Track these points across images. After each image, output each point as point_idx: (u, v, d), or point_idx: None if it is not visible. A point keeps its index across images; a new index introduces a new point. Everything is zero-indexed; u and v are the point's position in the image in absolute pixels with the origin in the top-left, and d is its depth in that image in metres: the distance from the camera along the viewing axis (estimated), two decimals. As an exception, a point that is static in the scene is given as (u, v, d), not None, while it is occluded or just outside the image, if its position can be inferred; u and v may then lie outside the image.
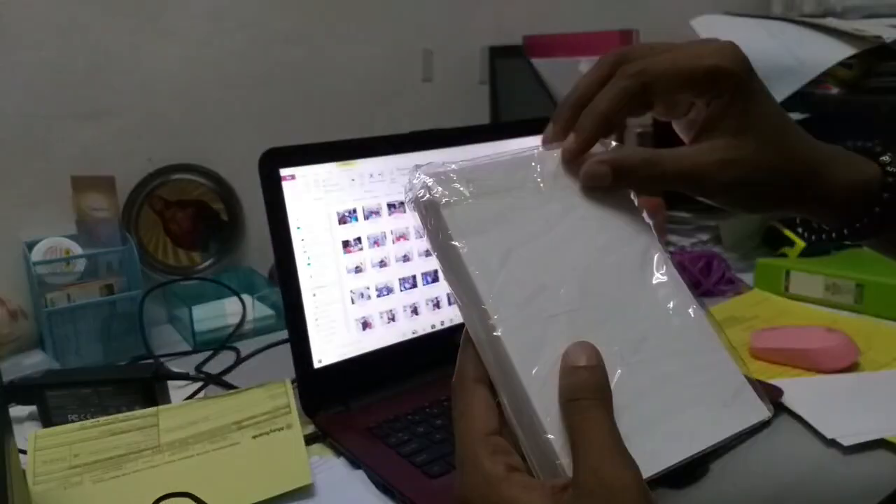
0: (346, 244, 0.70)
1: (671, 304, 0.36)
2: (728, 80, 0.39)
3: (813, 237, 1.05)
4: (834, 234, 0.46)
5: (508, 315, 0.33)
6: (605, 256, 0.36)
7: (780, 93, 1.12)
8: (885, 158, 0.43)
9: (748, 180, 0.39)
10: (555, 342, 0.33)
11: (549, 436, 0.31)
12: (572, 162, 0.38)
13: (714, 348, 0.36)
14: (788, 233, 1.05)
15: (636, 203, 0.39)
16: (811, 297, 0.93)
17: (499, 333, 0.32)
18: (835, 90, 1.10)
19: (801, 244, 1.03)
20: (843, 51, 1.09)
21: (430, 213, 0.35)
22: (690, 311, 0.37)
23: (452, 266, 0.34)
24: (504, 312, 0.33)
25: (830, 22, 1.16)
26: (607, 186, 0.38)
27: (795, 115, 1.08)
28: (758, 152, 0.39)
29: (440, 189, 0.35)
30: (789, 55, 1.13)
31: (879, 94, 1.09)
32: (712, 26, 1.22)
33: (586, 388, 0.31)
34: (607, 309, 0.35)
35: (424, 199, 0.35)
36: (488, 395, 0.34)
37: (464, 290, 0.34)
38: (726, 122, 0.39)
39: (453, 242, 0.34)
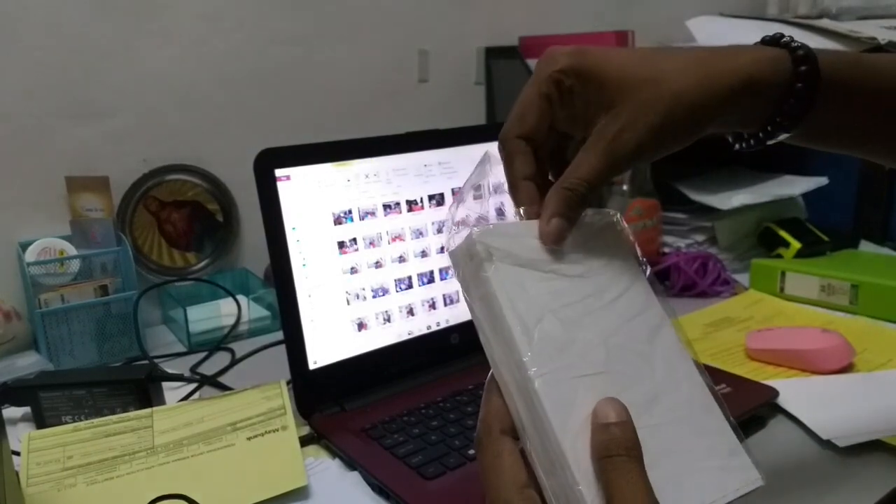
0: (341, 245, 0.70)
1: (678, 370, 0.39)
2: (567, 77, 0.40)
3: (808, 238, 1.05)
4: (753, 142, 0.45)
5: (545, 370, 0.35)
6: (625, 323, 0.39)
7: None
8: (785, 39, 0.42)
9: (646, 132, 0.39)
10: (584, 399, 0.35)
11: (581, 488, 0.33)
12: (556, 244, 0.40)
13: (716, 414, 0.39)
14: (784, 234, 1.05)
15: (643, 268, 0.42)
16: (806, 298, 0.93)
17: (536, 386, 0.34)
18: (830, 91, 1.10)
19: (796, 245, 1.03)
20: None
21: (474, 267, 0.38)
22: (695, 376, 0.39)
23: (490, 318, 0.37)
24: (541, 367, 0.35)
25: (825, 23, 1.16)
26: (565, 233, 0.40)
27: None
28: (637, 97, 0.39)
29: (487, 246, 0.38)
30: (784, 56, 1.13)
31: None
32: (707, 27, 1.22)
33: (619, 445, 0.33)
34: (628, 373, 0.37)
35: (472, 253, 0.38)
36: (515, 446, 0.35)
37: (498, 342, 0.36)
38: (585, 99, 0.40)
39: (497, 299, 0.36)
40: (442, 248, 0.76)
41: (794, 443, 0.63)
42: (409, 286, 0.74)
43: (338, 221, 0.70)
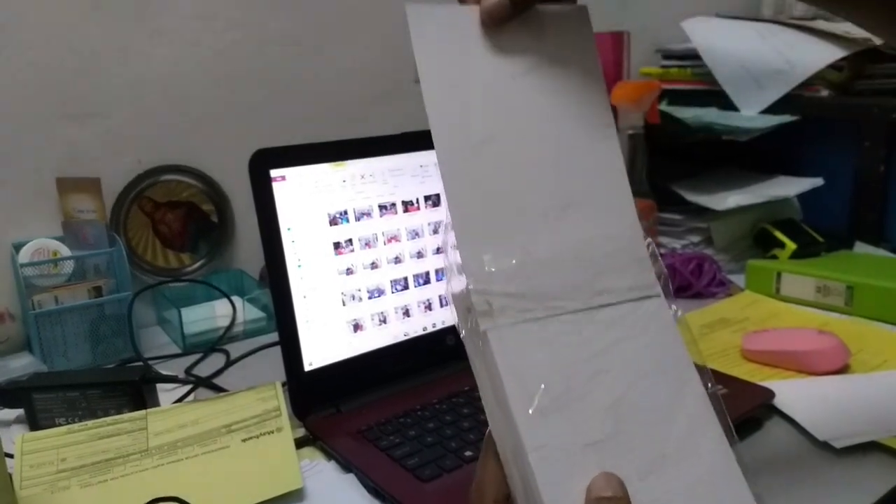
0: (336, 246, 0.69)
1: (701, 433, 0.35)
2: None
3: (803, 239, 1.05)
4: None
5: (542, 443, 0.32)
6: (642, 378, 0.35)
7: (771, 95, 1.13)
8: None
9: None
10: (584, 471, 0.32)
11: None
12: (494, 27, 0.39)
13: (741, 490, 0.34)
14: (779, 234, 1.05)
15: (671, 320, 0.37)
16: (802, 299, 0.93)
17: (530, 460, 0.32)
18: (825, 92, 1.10)
19: (791, 246, 1.03)
20: (833, 53, 1.09)
21: (473, 319, 0.35)
22: (721, 443, 0.35)
23: (488, 375, 0.35)
24: (538, 439, 0.32)
25: (820, 24, 1.16)
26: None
27: (786, 118, 1.09)
28: None
29: (487, 299, 0.35)
30: (780, 58, 1.14)
31: (870, 96, 1.10)
32: (703, 28, 1.23)
33: None
34: (638, 435, 0.34)
35: (469, 305, 0.35)
36: None
37: (497, 401, 0.34)
38: None
39: (496, 359, 0.34)
40: (438, 249, 0.75)
41: (790, 444, 0.63)
42: (405, 287, 0.73)
43: (333, 222, 0.70)
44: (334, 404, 0.68)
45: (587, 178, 0.39)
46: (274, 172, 0.67)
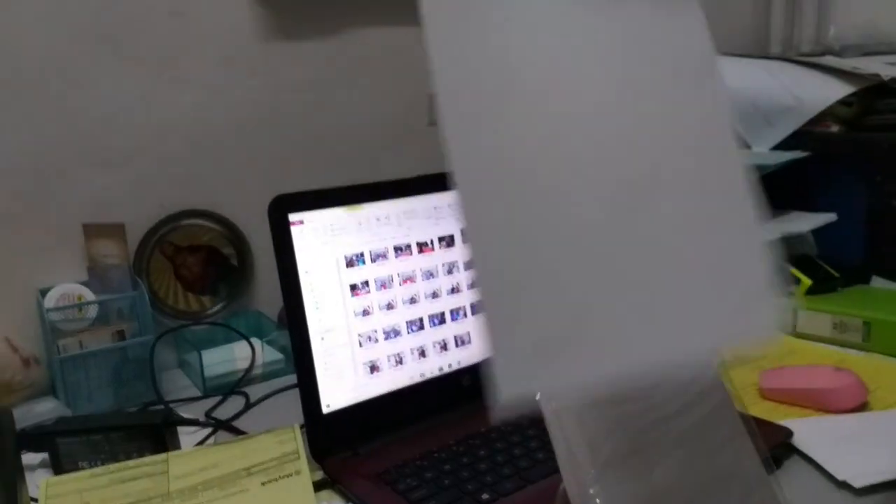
0: (353, 287, 0.71)
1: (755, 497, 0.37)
2: None
3: (819, 274, 1.05)
4: None
5: (609, 492, 0.34)
6: (705, 446, 0.37)
7: (781, 131, 1.14)
8: None
9: None
10: None
11: None
12: None
13: None
14: (794, 271, 1.05)
15: (727, 393, 0.40)
16: (819, 336, 0.93)
17: None
18: (835, 128, 1.11)
19: (807, 282, 1.03)
20: (842, 89, 1.10)
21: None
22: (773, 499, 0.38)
23: (567, 442, 0.36)
24: (607, 496, 0.34)
25: (829, 61, 1.18)
26: None
27: (797, 153, 1.10)
28: None
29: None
30: (789, 95, 1.15)
31: (879, 130, 1.10)
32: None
33: None
34: (696, 497, 0.35)
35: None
36: None
37: (572, 465, 0.35)
38: None
39: (573, 421, 0.35)
40: (453, 289, 0.76)
41: (809, 484, 0.62)
42: (421, 327, 0.74)
43: (350, 264, 0.71)
44: (352, 447, 0.68)
45: (681, 141, 0.28)
46: (292, 217, 0.68)
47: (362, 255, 0.72)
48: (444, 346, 0.76)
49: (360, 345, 0.71)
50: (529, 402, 0.27)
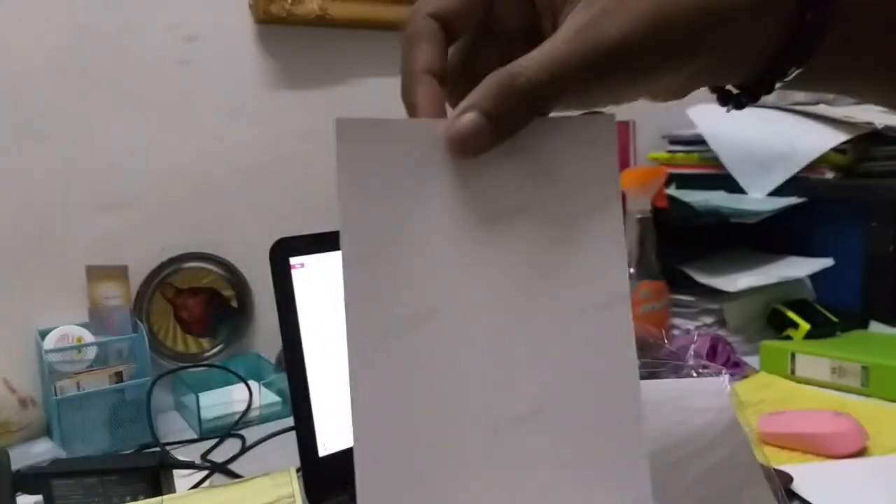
0: (352, 331, 0.71)
1: None
2: None
3: (817, 319, 1.06)
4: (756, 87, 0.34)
5: None
6: (722, 484, 0.39)
7: (777, 178, 1.16)
8: None
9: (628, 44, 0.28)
10: None
11: None
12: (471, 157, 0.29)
13: None
14: (792, 315, 1.06)
15: (743, 432, 0.42)
16: (818, 380, 0.93)
17: None
18: (830, 175, 1.13)
19: (805, 326, 1.03)
20: (835, 137, 1.12)
21: None
22: None
23: None
24: None
25: (823, 109, 1.20)
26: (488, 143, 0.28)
27: (793, 199, 1.11)
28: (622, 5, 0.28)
29: None
30: (784, 142, 1.17)
31: (874, 177, 1.12)
32: (708, 115, 1.27)
33: None
34: None
35: None
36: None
37: None
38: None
39: None
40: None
41: (810, 530, 0.62)
42: (419, 371, 0.74)
43: (349, 308, 0.71)
44: (347, 490, 0.68)
45: (576, 375, 0.28)
46: (293, 260, 0.69)
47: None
48: (442, 389, 0.76)
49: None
50: None
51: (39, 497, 0.69)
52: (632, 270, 1.05)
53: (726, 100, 0.36)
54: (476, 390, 0.28)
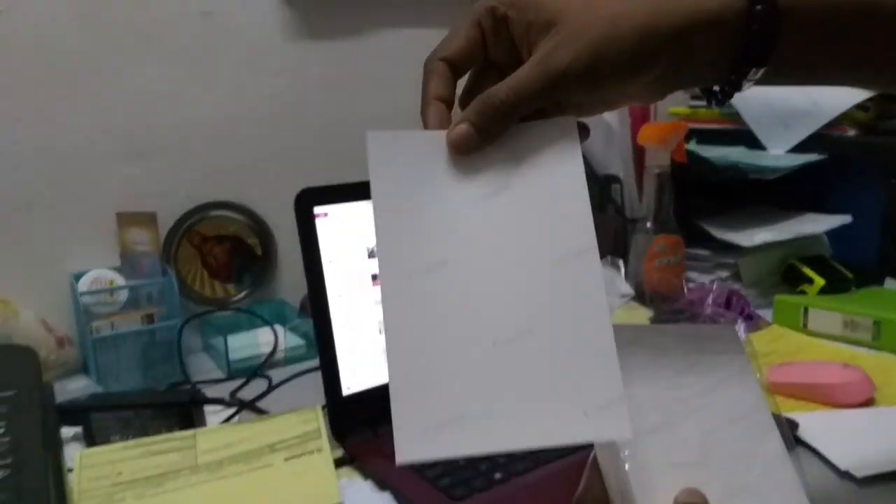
0: (374, 277, 0.74)
1: (777, 476, 0.41)
2: (492, 16, 0.41)
3: (832, 275, 1.06)
4: (721, 93, 0.41)
5: (638, 456, 0.38)
6: (729, 423, 0.42)
7: (798, 135, 1.15)
8: None
9: (598, 60, 0.37)
10: (672, 484, 0.38)
11: None
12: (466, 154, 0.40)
13: None
14: (808, 270, 1.06)
15: (754, 375, 0.44)
16: (829, 334, 0.94)
17: (628, 470, 0.38)
18: (851, 132, 1.12)
19: (820, 282, 1.04)
20: (858, 94, 1.11)
21: None
22: (795, 485, 0.41)
23: None
24: (635, 453, 0.38)
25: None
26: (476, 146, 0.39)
27: (813, 156, 1.11)
28: (571, 28, 0.38)
29: None
30: (806, 99, 1.16)
31: (895, 135, 1.11)
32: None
33: None
34: (722, 468, 0.40)
35: None
36: None
37: None
38: (530, 37, 0.39)
39: None
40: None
41: (812, 474, 0.63)
42: (439, 317, 0.77)
43: (371, 255, 0.74)
44: (371, 427, 0.71)
45: (555, 304, 0.37)
46: (317, 209, 0.71)
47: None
48: (461, 335, 0.78)
49: (380, 332, 0.73)
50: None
51: (79, 428, 0.73)
52: (648, 224, 1.06)
53: (707, 97, 0.43)
54: (478, 318, 0.37)
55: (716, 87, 0.42)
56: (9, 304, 0.84)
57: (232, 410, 0.78)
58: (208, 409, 0.77)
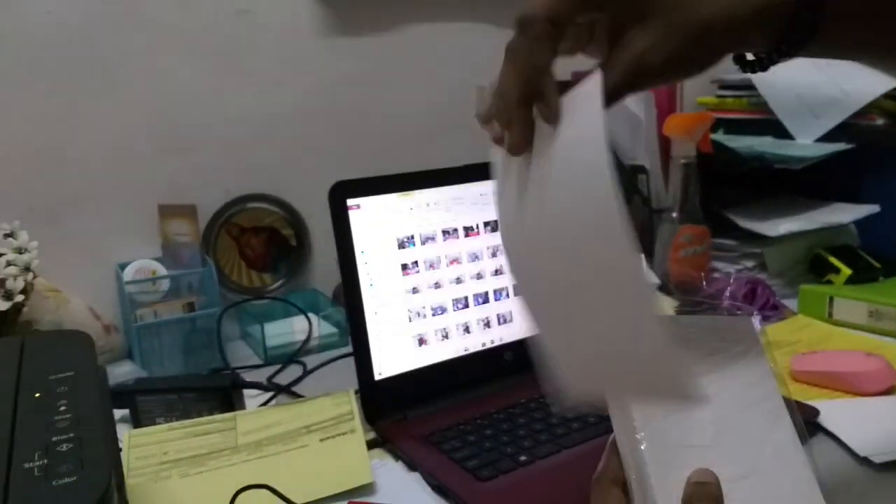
0: (404, 267, 0.77)
1: (788, 461, 0.43)
2: None
3: (859, 265, 1.07)
4: (766, 62, 0.46)
5: (653, 437, 0.41)
6: (742, 409, 0.44)
7: (826, 124, 1.15)
8: None
9: (676, 47, 0.40)
10: (687, 464, 0.40)
11: None
12: (521, 154, 0.43)
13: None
14: (834, 260, 1.07)
15: (768, 365, 0.47)
16: (855, 324, 0.95)
17: (644, 450, 0.41)
18: (880, 121, 1.12)
19: (846, 271, 1.05)
20: (888, 82, 1.11)
21: None
22: (805, 471, 0.43)
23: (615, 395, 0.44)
24: (650, 434, 0.41)
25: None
26: None
27: (840, 145, 1.11)
28: (668, 17, 0.40)
29: None
30: (836, 87, 1.16)
31: (926, 124, 1.11)
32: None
33: (704, 497, 0.38)
34: (735, 452, 0.42)
35: None
36: (622, 495, 0.42)
37: (619, 408, 0.43)
38: (622, 12, 0.41)
39: None
40: (496, 271, 0.82)
41: (831, 460, 0.65)
42: (466, 305, 0.80)
43: (401, 246, 0.77)
44: (401, 411, 0.74)
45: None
46: (350, 202, 0.74)
47: (413, 237, 0.78)
48: (487, 324, 0.81)
49: (410, 319, 0.76)
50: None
51: (126, 411, 0.77)
52: (674, 215, 1.07)
53: (743, 66, 0.47)
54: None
55: (761, 55, 0.45)
56: (60, 294, 0.89)
57: (269, 394, 0.82)
58: (247, 392, 0.80)
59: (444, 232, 0.79)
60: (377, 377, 0.74)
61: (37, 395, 0.47)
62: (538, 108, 0.41)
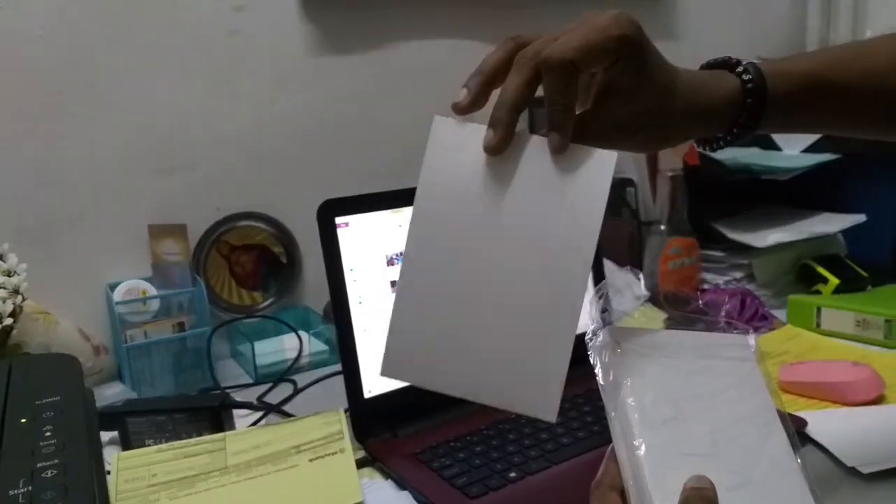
0: (393, 284, 0.77)
1: (782, 471, 0.44)
2: (632, 46, 0.45)
3: (847, 274, 1.07)
4: (726, 139, 0.54)
5: (652, 445, 0.42)
6: (737, 421, 0.45)
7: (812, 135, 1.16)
8: (740, 69, 0.52)
9: (648, 125, 0.48)
10: (683, 472, 0.41)
11: None
12: (497, 155, 0.46)
13: None
14: (822, 270, 1.08)
15: (763, 380, 0.48)
16: (842, 333, 0.95)
17: (641, 456, 0.42)
18: (865, 131, 1.13)
19: (834, 281, 1.05)
20: (871, 93, 1.12)
21: (606, 353, 0.46)
22: (800, 482, 0.44)
23: (613, 398, 0.45)
24: (648, 441, 0.42)
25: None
26: None
27: (826, 156, 1.12)
28: (653, 100, 0.47)
29: (618, 344, 0.47)
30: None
31: (910, 134, 1.11)
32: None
33: (700, 501, 0.39)
34: (731, 461, 0.43)
35: (605, 343, 0.46)
36: (620, 501, 0.42)
37: (619, 416, 0.44)
38: (625, 80, 0.47)
39: (620, 381, 0.45)
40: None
41: (819, 471, 0.66)
42: (456, 322, 0.80)
43: (391, 263, 0.77)
44: (391, 429, 0.74)
45: (538, 295, 0.45)
46: (339, 220, 0.75)
47: (402, 254, 0.77)
48: (478, 339, 0.81)
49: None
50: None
51: (115, 433, 0.77)
52: (662, 227, 1.08)
53: (703, 146, 0.56)
54: (475, 287, 0.46)
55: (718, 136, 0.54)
56: (49, 316, 0.89)
57: (259, 414, 0.82)
58: (237, 412, 0.80)
59: (433, 248, 0.79)
60: (366, 395, 0.74)
61: (23, 420, 0.47)
62: (551, 136, 0.45)
